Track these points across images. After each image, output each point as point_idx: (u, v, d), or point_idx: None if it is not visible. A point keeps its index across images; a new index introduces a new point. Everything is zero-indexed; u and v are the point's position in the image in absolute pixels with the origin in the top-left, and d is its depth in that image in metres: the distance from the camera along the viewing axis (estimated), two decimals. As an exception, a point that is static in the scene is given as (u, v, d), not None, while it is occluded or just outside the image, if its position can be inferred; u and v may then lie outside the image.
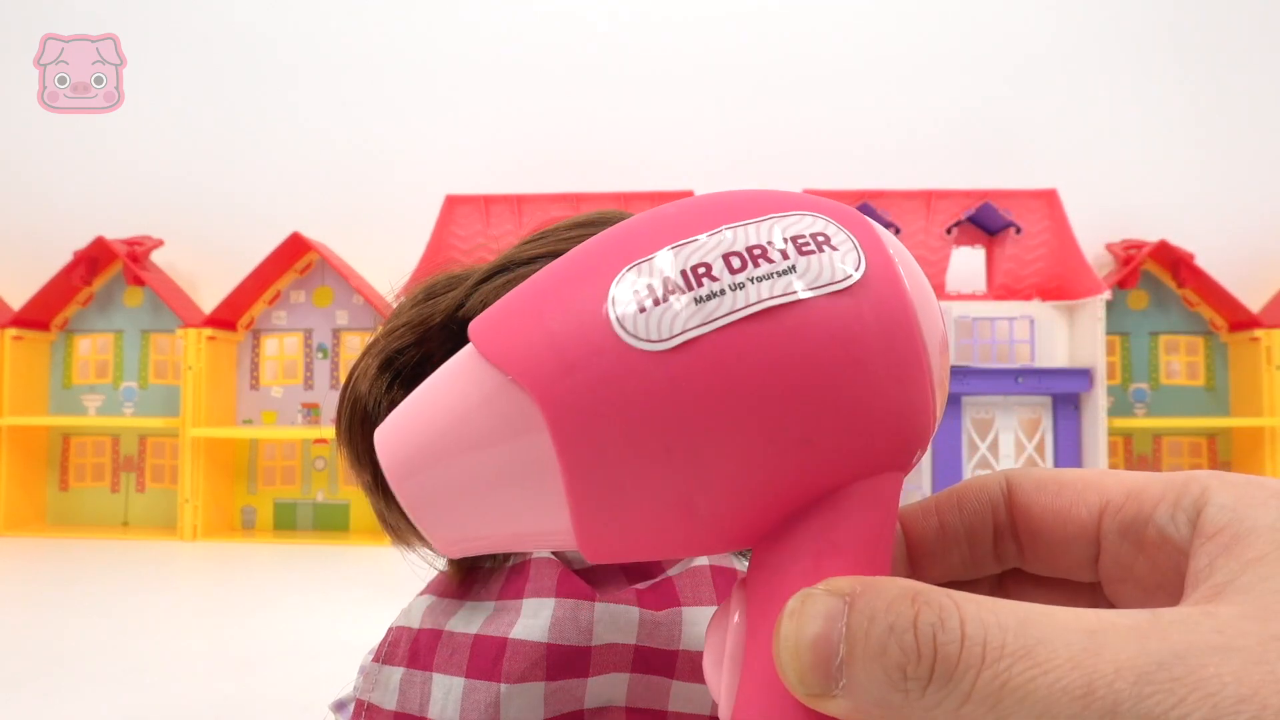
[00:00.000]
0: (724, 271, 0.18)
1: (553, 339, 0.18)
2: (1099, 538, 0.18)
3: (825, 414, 0.18)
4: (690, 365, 0.17)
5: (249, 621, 0.81)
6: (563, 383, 0.18)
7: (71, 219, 1.54)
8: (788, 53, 1.57)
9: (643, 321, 0.18)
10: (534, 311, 0.19)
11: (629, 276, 0.18)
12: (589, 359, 0.18)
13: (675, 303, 0.17)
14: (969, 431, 1.34)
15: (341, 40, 1.61)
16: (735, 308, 0.17)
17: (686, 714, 0.36)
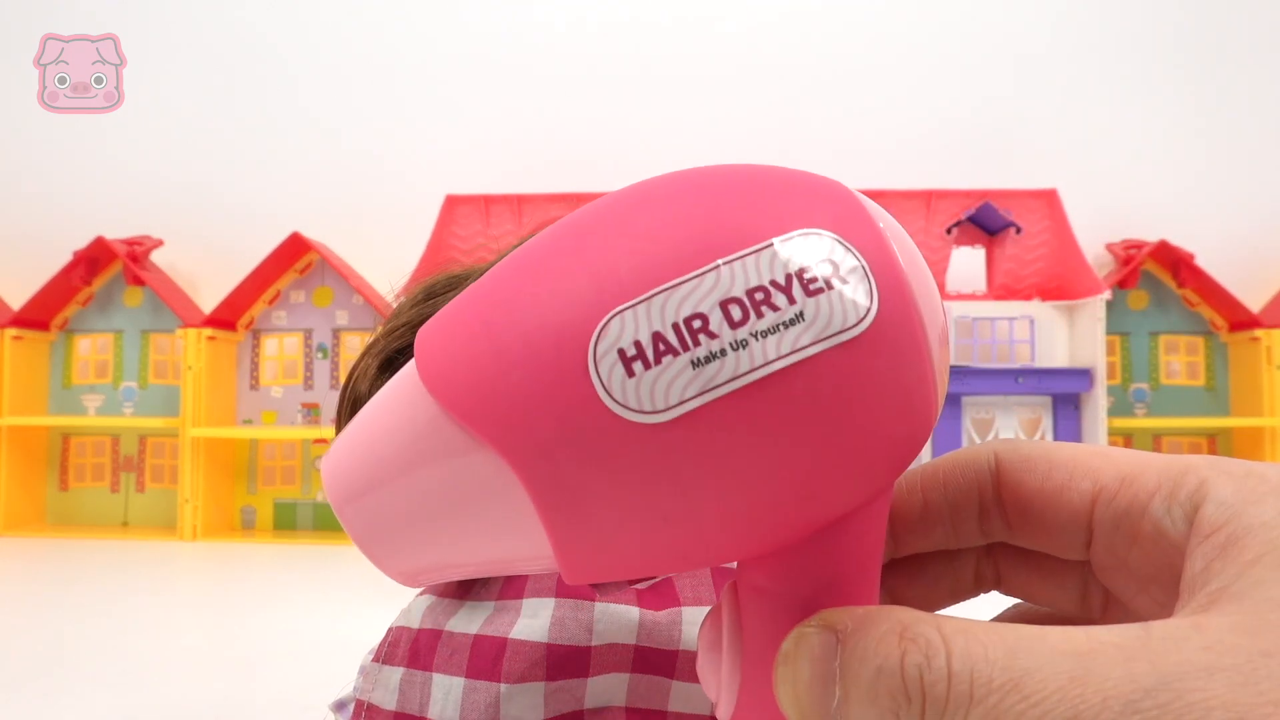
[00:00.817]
0: (723, 325, 0.15)
1: (526, 402, 0.16)
2: (1091, 525, 0.17)
3: (834, 470, 0.16)
4: (690, 439, 0.15)
5: (249, 621, 0.81)
6: (545, 461, 0.16)
7: (71, 219, 1.54)
8: (788, 53, 1.57)
9: (633, 389, 0.15)
10: (493, 352, 0.16)
11: (612, 328, 0.15)
12: (574, 436, 0.15)
13: (670, 366, 0.15)
14: (969, 431, 1.34)
15: (342, 40, 1.61)
16: (738, 372, 0.15)
17: (686, 714, 0.36)
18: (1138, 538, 0.16)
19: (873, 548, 0.18)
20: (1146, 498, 0.16)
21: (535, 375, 0.15)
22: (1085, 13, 1.53)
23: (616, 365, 0.15)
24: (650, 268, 0.16)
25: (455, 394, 0.16)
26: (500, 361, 0.16)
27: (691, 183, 0.17)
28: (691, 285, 0.15)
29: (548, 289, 0.16)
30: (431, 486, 0.17)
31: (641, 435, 0.15)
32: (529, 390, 0.16)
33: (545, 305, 0.16)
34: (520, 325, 0.16)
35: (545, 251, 0.17)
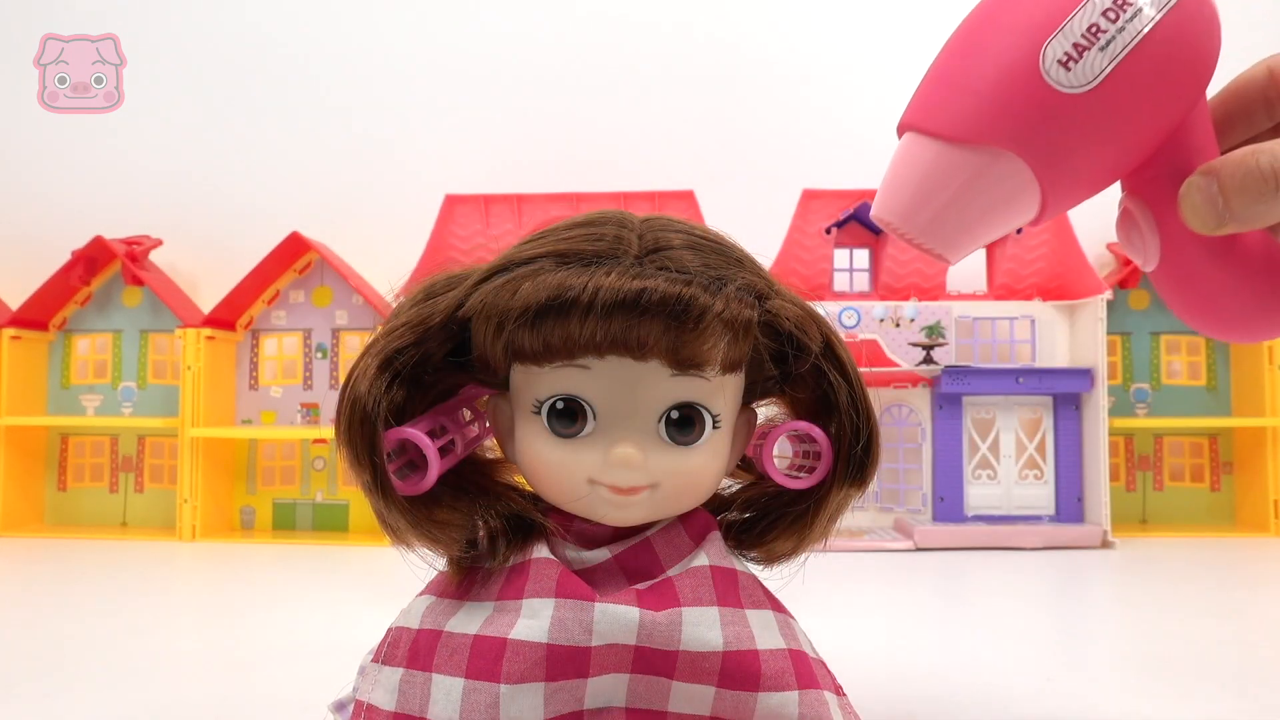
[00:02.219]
0: (1109, 24, 0.29)
1: (1009, 108, 0.29)
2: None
3: (1184, 80, 0.30)
4: (1111, 89, 0.29)
5: (248, 621, 0.81)
6: (1032, 135, 0.29)
7: (70, 219, 1.54)
8: (788, 53, 1.57)
9: (1073, 76, 0.28)
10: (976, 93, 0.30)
11: (1049, 50, 0.29)
12: (1044, 113, 0.29)
13: (1089, 55, 0.28)
14: (969, 431, 1.34)
15: (341, 40, 1.60)
16: (1127, 43, 0.28)
17: (686, 714, 0.36)
18: None
19: (1209, 133, 0.32)
20: None
21: (1010, 95, 0.29)
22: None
23: (1058, 68, 0.29)
24: (1054, 12, 0.29)
25: (963, 128, 0.30)
26: (990, 104, 0.29)
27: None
28: (1082, 11, 0.29)
29: (991, 51, 0.30)
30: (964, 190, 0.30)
31: (1087, 99, 0.28)
32: (1009, 105, 0.29)
33: (996, 58, 0.30)
34: (984, 74, 0.30)
35: (971, 36, 0.32)
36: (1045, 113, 0.29)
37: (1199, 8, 0.30)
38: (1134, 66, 0.29)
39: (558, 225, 0.37)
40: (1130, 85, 0.29)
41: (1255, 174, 0.29)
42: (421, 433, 0.34)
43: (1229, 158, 0.30)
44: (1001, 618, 0.86)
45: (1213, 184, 0.29)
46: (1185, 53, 0.30)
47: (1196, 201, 0.30)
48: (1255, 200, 0.29)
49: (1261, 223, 0.30)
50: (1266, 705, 0.56)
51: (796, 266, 1.41)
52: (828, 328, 0.38)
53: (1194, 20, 0.29)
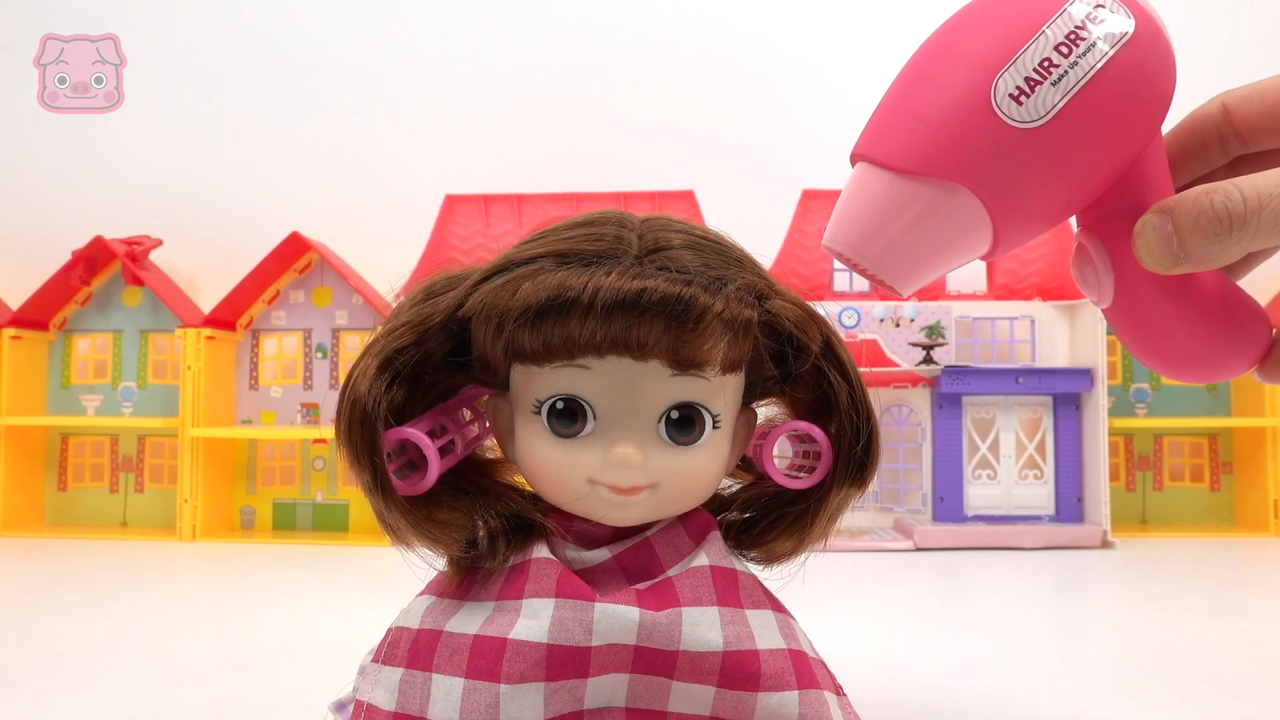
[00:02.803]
0: (1061, 59, 0.28)
1: (960, 141, 0.28)
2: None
3: (1138, 116, 0.29)
4: (1063, 125, 0.28)
5: (248, 621, 0.81)
6: (984, 168, 0.28)
7: (70, 219, 1.54)
8: (788, 53, 1.57)
9: (1023, 110, 0.28)
10: (928, 124, 0.29)
11: (1000, 83, 0.28)
12: (996, 147, 0.28)
13: (1040, 90, 0.28)
14: (969, 431, 1.34)
15: (341, 40, 1.60)
16: (1078, 79, 0.28)
17: (686, 714, 0.36)
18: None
19: (1164, 171, 0.31)
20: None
21: (963, 128, 0.28)
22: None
23: (1010, 102, 0.28)
24: (1007, 45, 0.28)
25: (915, 160, 0.29)
26: (942, 136, 0.29)
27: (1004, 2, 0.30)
28: (1034, 45, 0.28)
29: (944, 82, 0.29)
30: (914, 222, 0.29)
31: (1040, 134, 0.28)
32: (961, 138, 0.28)
33: (948, 90, 0.29)
34: (937, 107, 0.29)
35: (925, 67, 0.31)
36: (997, 147, 0.28)
37: (1153, 44, 0.30)
38: (1087, 102, 0.28)
39: (558, 225, 0.37)
40: (1083, 121, 0.29)
41: (1209, 214, 0.28)
42: (421, 433, 0.34)
43: (1183, 197, 0.30)
44: (1001, 618, 0.86)
45: (1167, 223, 0.29)
46: (1139, 89, 0.29)
47: (1151, 240, 0.30)
48: (1209, 240, 0.29)
49: (1215, 263, 0.30)
50: (1266, 705, 0.56)
51: (796, 266, 1.41)
52: (828, 328, 0.38)
53: (1148, 57, 0.29)
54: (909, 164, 0.29)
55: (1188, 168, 0.35)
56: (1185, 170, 0.35)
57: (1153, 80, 0.30)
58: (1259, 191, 0.28)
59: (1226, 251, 0.29)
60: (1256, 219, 0.28)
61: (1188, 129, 0.35)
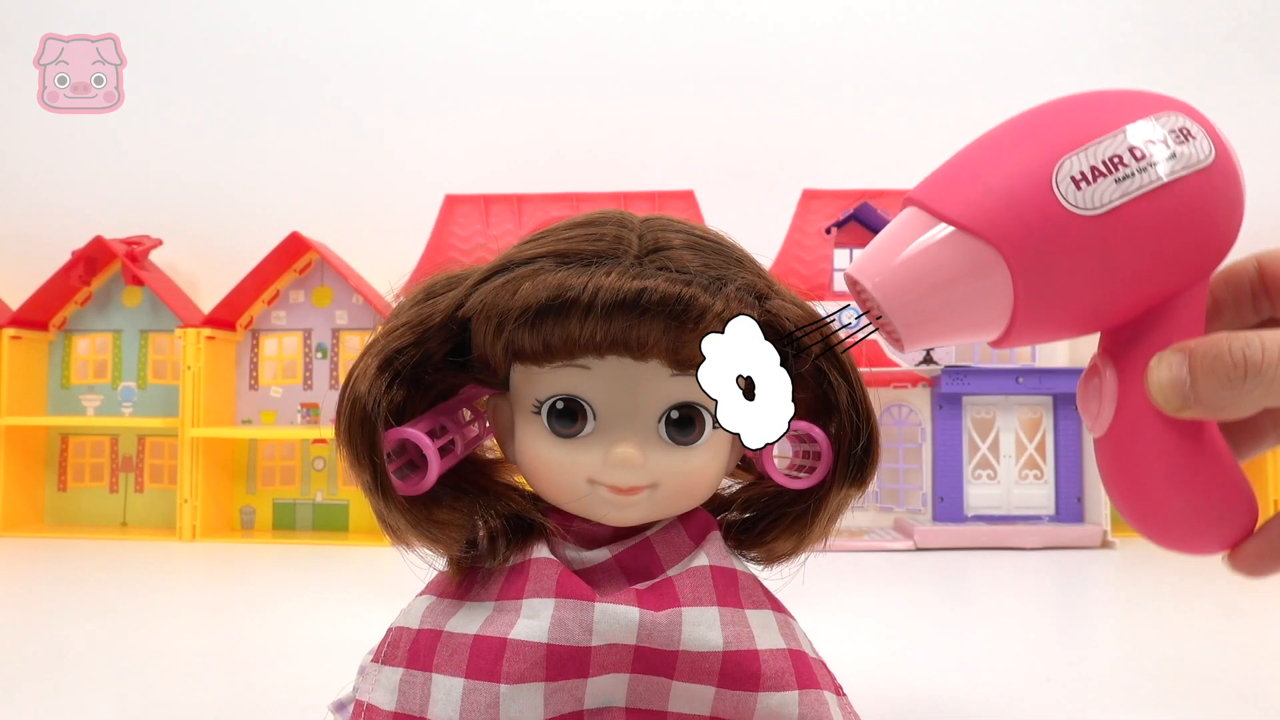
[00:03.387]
0: (1131, 160, 0.28)
1: (1009, 206, 0.28)
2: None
3: (1193, 247, 0.29)
4: (1113, 224, 0.28)
5: (248, 621, 0.81)
6: (1023, 239, 0.28)
7: (70, 219, 1.54)
8: (788, 53, 1.57)
9: (1080, 197, 0.28)
10: (984, 184, 0.29)
11: (1066, 164, 0.28)
12: (1042, 222, 0.28)
13: (1102, 183, 0.28)
14: (969, 431, 1.34)
15: (341, 40, 1.60)
16: (1144, 185, 0.28)
17: (686, 714, 0.36)
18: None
19: (1201, 309, 0.30)
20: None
21: (1016, 194, 0.28)
22: (1085, 12, 1.53)
23: (1069, 185, 0.28)
24: (1086, 132, 0.28)
25: (966, 216, 0.28)
26: (994, 197, 0.28)
27: (1096, 93, 0.31)
28: (1111, 140, 0.28)
29: (1014, 151, 0.29)
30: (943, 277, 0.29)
31: (1087, 225, 0.27)
32: (1011, 203, 0.28)
33: (1015, 158, 0.29)
34: (999, 170, 0.29)
35: (1002, 137, 0.30)
36: (1043, 223, 0.28)
37: (1225, 184, 0.29)
38: (1143, 211, 0.28)
39: (558, 225, 0.37)
40: (1133, 229, 0.28)
41: (1225, 358, 0.28)
42: (421, 433, 0.34)
43: (1204, 339, 0.29)
44: (1001, 618, 0.86)
45: (1184, 363, 0.29)
46: (1198, 220, 0.29)
47: (1164, 377, 0.29)
48: (1222, 386, 0.28)
49: (1225, 412, 0.29)
50: (1266, 705, 0.56)
51: (796, 266, 1.41)
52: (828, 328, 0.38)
53: (1216, 193, 0.29)
54: (958, 216, 0.29)
55: (1219, 319, 0.34)
56: (1216, 321, 0.34)
57: (1215, 217, 0.29)
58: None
59: (1239, 401, 0.28)
60: (1274, 371, 0.27)
61: (1223, 280, 0.34)
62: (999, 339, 0.31)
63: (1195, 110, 0.30)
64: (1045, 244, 0.28)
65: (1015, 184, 0.28)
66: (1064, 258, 0.28)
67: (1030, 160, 0.29)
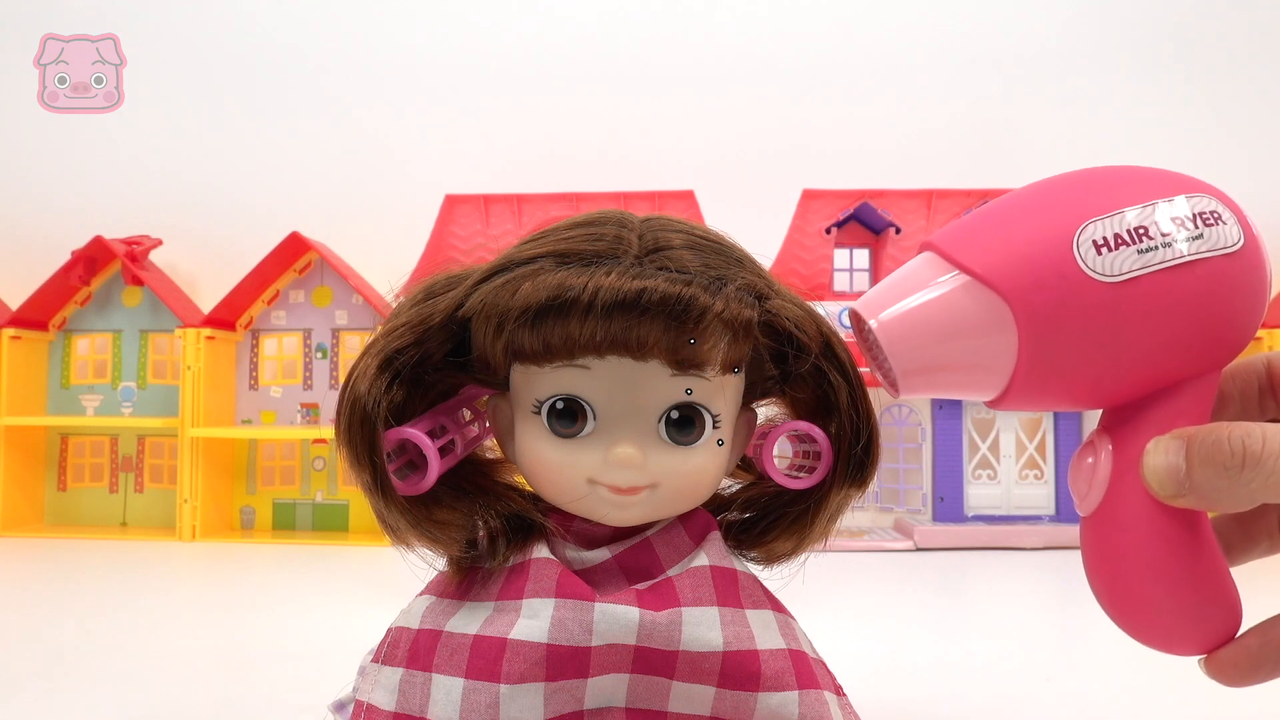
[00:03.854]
0: (1157, 233, 0.28)
1: (1026, 261, 0.28)
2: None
3: (1208, 332, 0.28)
4: (1129, 294, 0.27)
5: (248, 621, 0.81)
6: (1035, 295, 0.27)
7: (70, 218, 1.54)
8: (787, 53, 1.57)
9: (1100, 262, 0.27)
10: (1004, 237, 0.28)
11: (1090, 227, 0.28)
12: (1057, 280, 0.27)
13: (1123, 251, 0.27)
14: (969, 431, 1.34)
15: (341, 40, 1.60)
16: (1165, 260, 0.27)
17: (686, 715, 0.36)
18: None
19: (1209, 400, 0.30)
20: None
21: (1034, 250, 0.28)
22: (1085, 12, 1.53)
23: (1090, 248, 0.27)
24: (1115, 201, 0.28)
25: (981, 265, 0.28)
26: (1012, 251, 0.28)
27: (1134, 167, 0.30)
28: (1139, 211, 0.28)
29: (1041, 212, 0.29)
30: (949, 325, 0.28)
31: (1099, 290, 0.27)
32: (1028, 258, 0.28)
33: (1041, 218, 0.28)
34: (1022, 225, 0.29)
35: (1030, 194, 0.30)
36: (1056, 279, 0.27)
37: (1250, 271, 0.28)
38: (1161, 285, 0.27)
39: (558, 225, 0.37)
40: (1149, 302, 0.27)
41: (1223, 447, 0.27)
42: (421, 433, 0.34)
43: (1203, 427, 0.28)
44: (1001, 618, 0.86)
45: (1181, 448, 0.28)
46: (1217, 305, 0.28)
47: (1159, 462, 0.28)
48: (1217, 475, 0.27)
49: (1220, 503, 0.28)
50: (1266, 706, 0.56)
51: (796, 266, 1.41)
52: (828, 328, 0.38)
53: (1240, 278, 0.28)
54: (970, 261, 0.29)
55: (1225, 414, 0.33)
56: (1223, 416, 0.33)
57: (1234, 304, 0.28)
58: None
59: (1235, 492, 0.27)
60: (1272, 464, 0.26)
61: (1231, 375, 0.33)
62: (995, 399, 0.30)
63: (1228, 197, 0.29)
64: (1056, 304, 0.27)
65: (1035, 241, 0.28)
66: (1074, 321, 0.28)
67: (1054, 220, 0.28)
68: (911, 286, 0.30)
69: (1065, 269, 0.27)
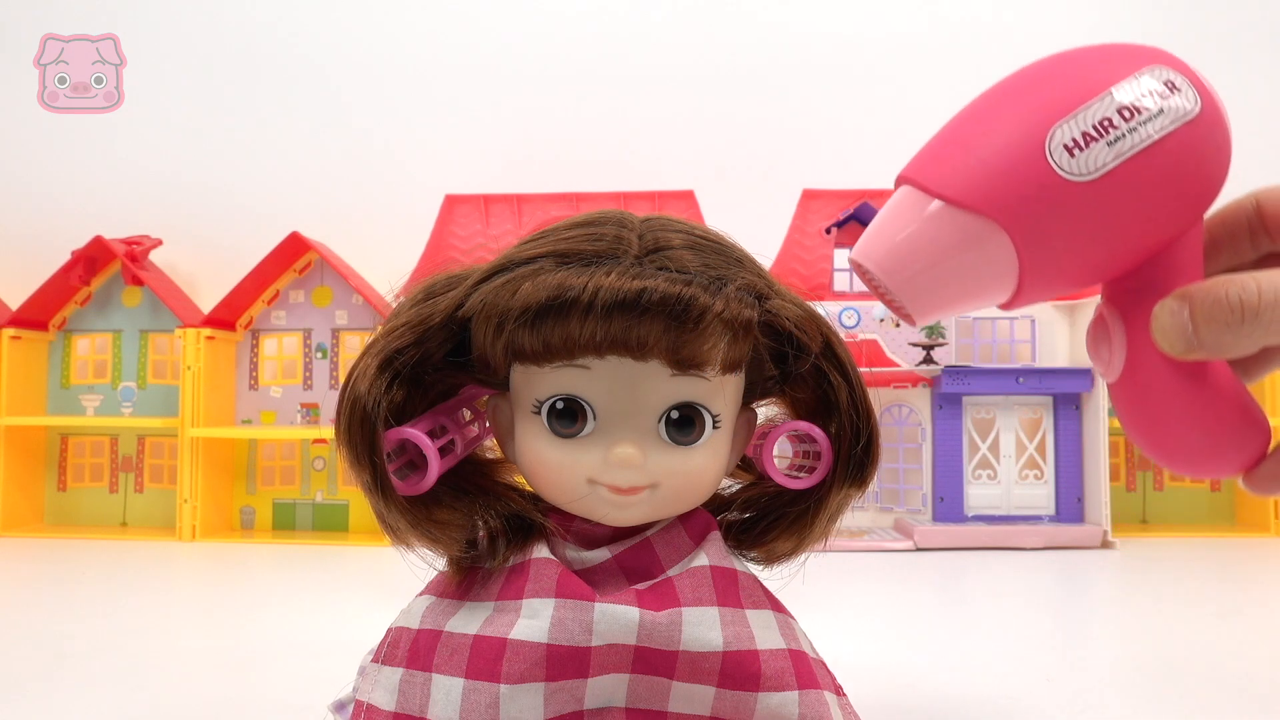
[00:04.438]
0: (1121, 122, 0.28)
1: (1004, 179, 0.28)
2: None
3: (1185, 198, 0.30)
4: (1109, 186, 0.28)
5: (248, 621, 0.81)
6: (1022, 210, 0.28)
7: (70, 219, 1.54)
8: (787, 53, 1.57)
9: (1074, 163, 0.28)
10: (978, 158, 0.29)
11: (1058, 132, 0.28)
12: (1039, 192, 0.28)
13: (1095, 147, 0.28)
14: (970, 431, 1.33)
15: (341, 40, 1.60)
16: (1136, 144, 0.28)
17: (686, 714, 0.36)
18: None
19: (1198, 252, 0.32)
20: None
21: (1011, 168, 0.28)
22: (1085, 12, 1.53)
23: (1063, 152, 0.28)
24: (1072, 98, 0.29)
25: (959, 191, 0.29)
26: (989, 171, 0.29)
27: (1077, 52, 0.31)
28: (1099, 103, 0.28)
29: (1003, 122, 0.29)
30: (944, 252, 0.29)
31: (1084, 191, 0.28)
32: (1008, 178, 0.28)
33: (1006, 129, 0.29)
34: (991, 143, 0.29)
35: (988, 106, 0.30)
36: (1040, 193, 0.29)
37: (1213, 130, 0.30)
38: (1137, 170, 0.29)
39: (558, 225, 0.37)
40: (1130, 188, 0.29)
41: (1223, 304, 0.29)
42: (421, 433, 0.34)
43: (1202, 285, 0.30)
44: (1001, 618, 0.86)
45: (1184, 309, 0.30)
46: (1191, 170, 0.29)
47: (1167, 324, 0.30)
48: (1222, 330, 0.29)
49: (1227, 353, 0.30)
50: (1266, 706, 0.56)
51: (796, 266, 1.41)
52: (828, 328, 0.38)
53: (1206, 141, 0.29)
54: (953, 193, 0.29)
55: (1218, 258, 0.35)
56: (1215, 260, 0.35)
57: (1206, 165, 0.30)
58: (1276, 287, 0.29)
59: (1239, 343, 0.29)
60: (1271, 313, 0.29)
61: (1220, 220, 0.34)
62: (1008, 302, 0.31)
63: (1177, 59, 0.30)
64: (1044, 213, 0.29)
65: (1008, 156, 0.29)
66: (1064, 223, 0.29)
67: (1021, 130, 0.29)
68: (900, 223, 0.30)
69: (1045, 179, 0.28)
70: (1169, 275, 0.31)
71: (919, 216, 0.30)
